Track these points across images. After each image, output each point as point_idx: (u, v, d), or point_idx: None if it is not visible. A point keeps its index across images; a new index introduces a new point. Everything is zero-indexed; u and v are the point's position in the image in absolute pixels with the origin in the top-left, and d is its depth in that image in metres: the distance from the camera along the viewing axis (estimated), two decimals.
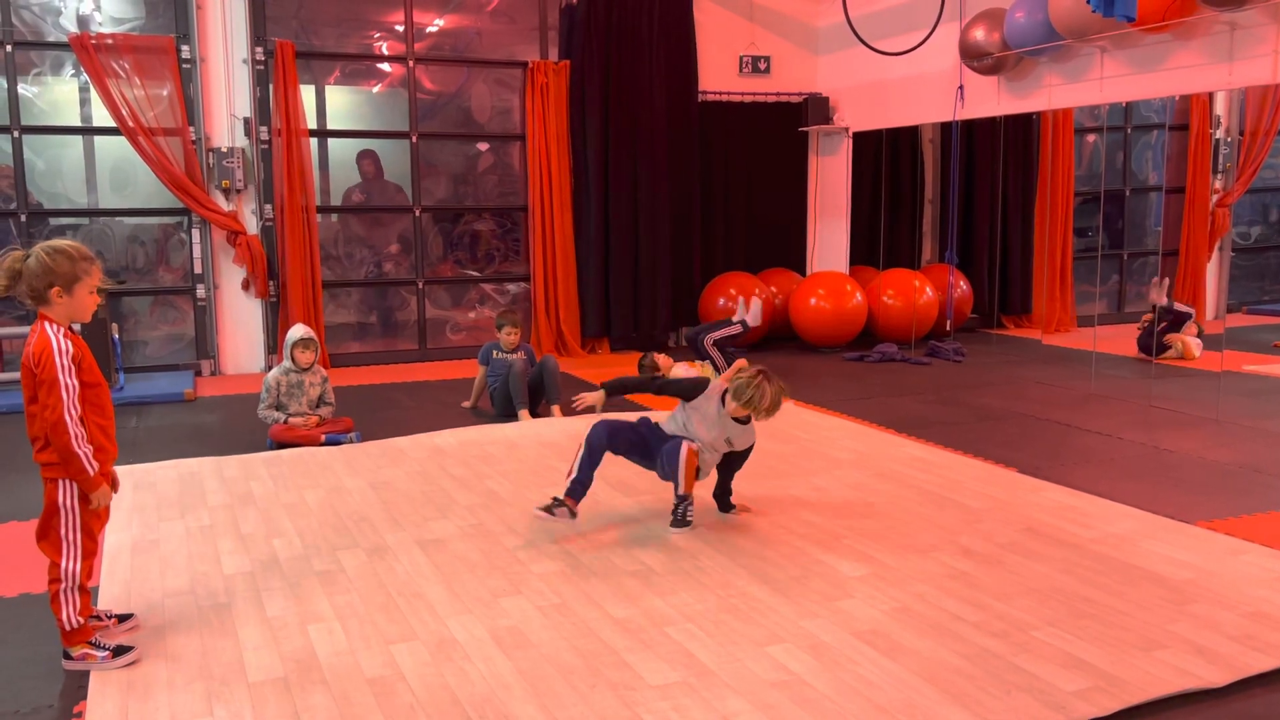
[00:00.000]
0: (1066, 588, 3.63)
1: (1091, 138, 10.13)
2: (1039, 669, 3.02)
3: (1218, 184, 9.07)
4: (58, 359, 2.99)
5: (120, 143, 8.02)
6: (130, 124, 7.87)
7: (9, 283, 3.05)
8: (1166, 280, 8.45)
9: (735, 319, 7.59)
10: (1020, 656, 3.10)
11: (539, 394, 6.63)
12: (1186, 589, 3.61)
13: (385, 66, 9.14)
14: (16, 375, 3.38)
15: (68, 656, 3.12)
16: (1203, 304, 9.13)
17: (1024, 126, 9.93)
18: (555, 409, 6.56)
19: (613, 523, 4.41)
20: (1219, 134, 8.96)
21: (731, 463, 4.48)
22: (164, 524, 4.48)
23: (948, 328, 9.54)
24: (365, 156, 9.10)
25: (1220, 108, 8.97)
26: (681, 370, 7.37)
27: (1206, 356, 8.10)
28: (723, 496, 4.54)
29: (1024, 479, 5.05)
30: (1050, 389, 7.43)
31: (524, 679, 3.00)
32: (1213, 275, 9.33)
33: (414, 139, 8.99)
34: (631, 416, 4.70)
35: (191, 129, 8.15)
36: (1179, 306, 8.50)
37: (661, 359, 7.40)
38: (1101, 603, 3.50)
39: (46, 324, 3.05)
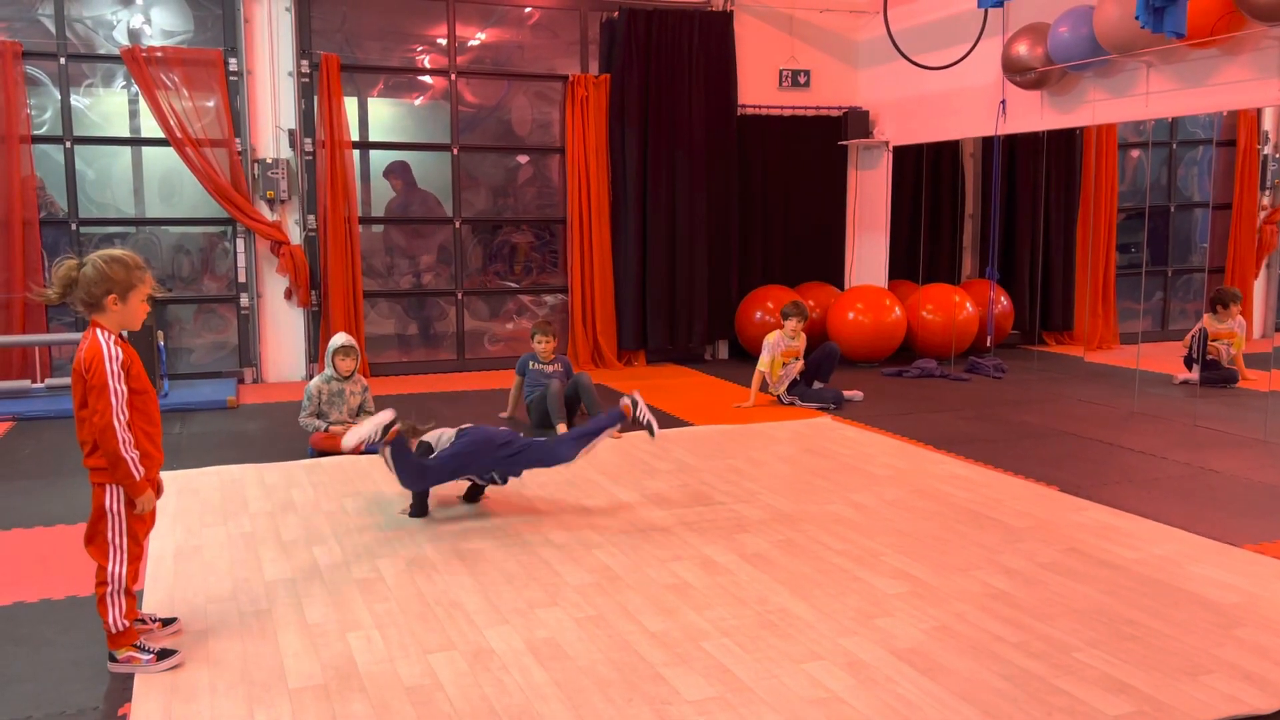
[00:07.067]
0: (1109, 609, 3.58)
1: (1136, 153, 10.02)
2: (1081, 691, 2.98)
3: (1265, 200, 8.93)
4: (108, 365, 3.05)
5: (168, 153, 8.16)
6: (178, 135, 8.01)
7: (63, 290, 3.11)
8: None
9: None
10: (1062, 678, 3.06)
11: (575, 407, 6.65)
12: (1233, 612, 3.55)
13: (427, 79, 9.23)
14: (67, 380, 3.44)
15: (113, 659, 3.17)
16: (1250, 322, 8.98)
17: (1067, 141, 9.84)
18: None
19: (647, 536, 4.41)
20: (1267, 150, 8.83)
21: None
22: (206, 530, 4.55)
23: (988, 344, 9.45)
24: (391, 171, 9.14)
25: (1269, 123, 8.83)
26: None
27: (1254, 376, 7.96)
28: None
29: (1066, 498, 4.99)
30: (1092, 407, 7.33)
31: (560, 690, 3.00)
32: (1260, 293, 9.18)
33: (455, 151, 9.07)
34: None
35: (237, 140, 8.27)
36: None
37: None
38: (1145, 625, 3.44)
39: (98, 330, 3.10)
